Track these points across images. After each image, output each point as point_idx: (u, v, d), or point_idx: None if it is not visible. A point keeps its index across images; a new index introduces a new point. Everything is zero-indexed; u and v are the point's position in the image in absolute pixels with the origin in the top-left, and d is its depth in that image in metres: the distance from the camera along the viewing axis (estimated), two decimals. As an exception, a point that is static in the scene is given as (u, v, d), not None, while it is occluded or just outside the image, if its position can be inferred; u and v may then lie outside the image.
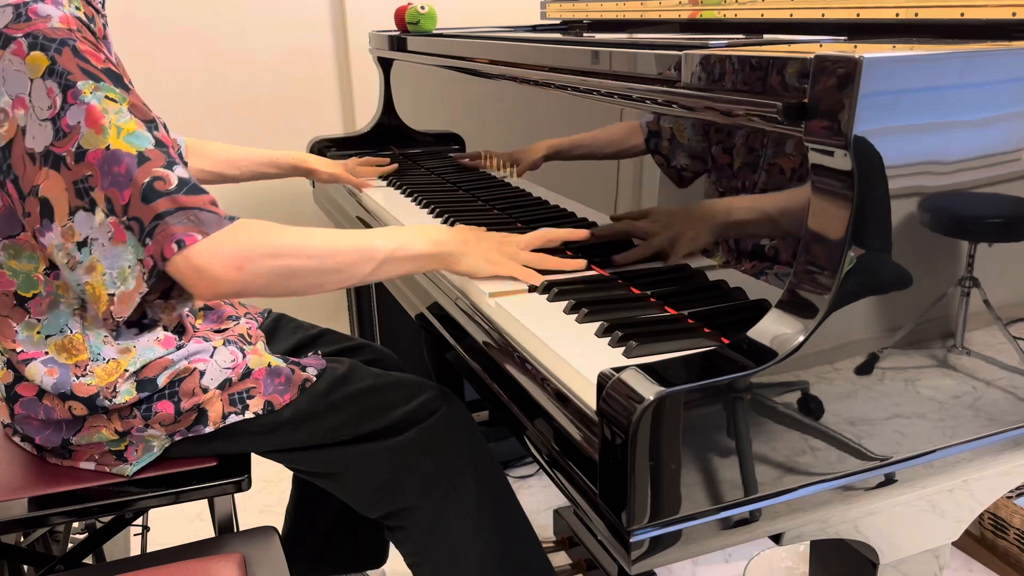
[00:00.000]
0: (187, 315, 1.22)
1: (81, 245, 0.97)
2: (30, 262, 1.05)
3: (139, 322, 1.11)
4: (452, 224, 1.44)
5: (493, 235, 1.16)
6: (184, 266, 0.95)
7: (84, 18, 1.02)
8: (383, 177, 1.84)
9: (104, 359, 1.08)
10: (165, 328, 1.14)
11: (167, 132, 1.40)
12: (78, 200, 0.96)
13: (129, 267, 0.96)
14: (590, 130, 1.23)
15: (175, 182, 0.96)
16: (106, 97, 0.95)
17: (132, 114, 0.97)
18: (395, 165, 1.86)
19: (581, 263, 1.15)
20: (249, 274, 0.97)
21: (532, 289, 1.10)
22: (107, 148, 0.94)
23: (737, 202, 0.96)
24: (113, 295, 0.97)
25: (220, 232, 0.96)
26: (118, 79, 0.98)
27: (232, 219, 0.99)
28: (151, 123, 0.98)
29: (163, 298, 1.11)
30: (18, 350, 1.07)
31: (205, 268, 0.95)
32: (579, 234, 1.19)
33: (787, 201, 0.88)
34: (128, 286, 0.97)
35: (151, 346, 1.11)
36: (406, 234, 1.10)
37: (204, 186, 0.99)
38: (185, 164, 1.01)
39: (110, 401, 1.08)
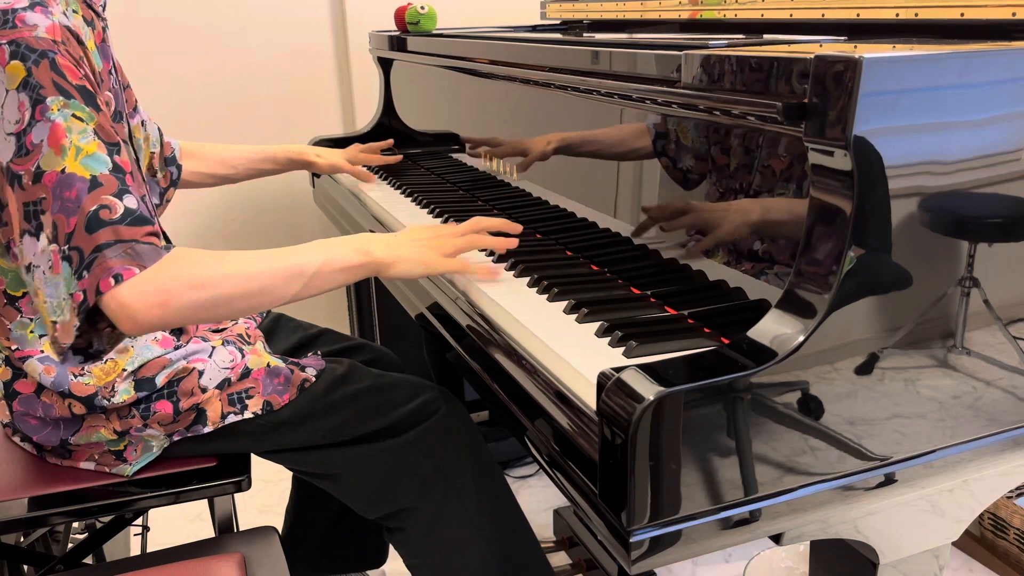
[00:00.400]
0: None
1: (27, 269, 0.96)
2: (15, 260, 1.04)
3: (84, 351, 1.07)
4: (449, 222, 1.44)
5: (425, 232, 1.14)
6: (110, 302, 0.93)
7: (81, 22, 1.01)
8: (383, 177, 1.84)
9: (102, 359, 1.08)
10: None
11: (162, 139, 1.40)
12: (26, 223, 0.94)
13: (64, 299, 0.94)
14: (591, 130, 1.23)
15: (120, 211, 0.94)
16: (73, 115, 0.94)
17: (96, 135, 0.95)
18: (398, 157, 1.85)
19: (514, 242, 1.16)
20: (171, 310, 0.94)
21: (534, 285, 1.10)
22: (62, 171, 0.92)
23: (738, 202, 0.96)
24: (55, 322, 0.96)
25: (150, 270, 0.94)
26: (90, 98, 0.96)
27: (168, 248, 0.96)
28: (114, 146, 0.96)
29: (111, 328, 1.09)
30: (13, 347, 1.07)
31: (128, 306, 0.92)
32: (512, 227, 1.19)
33: (787, 201, 0.88)
34: (64, 318, 0.95)
35: (148, 345, 1.11)
36: (334, 247, 1.07)
37: (198, 189, 0.99)
38: (143, 192, 0.98)
39: (108, 401, 1.08)
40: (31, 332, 1.07)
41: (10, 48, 0.93)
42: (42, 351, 1.07)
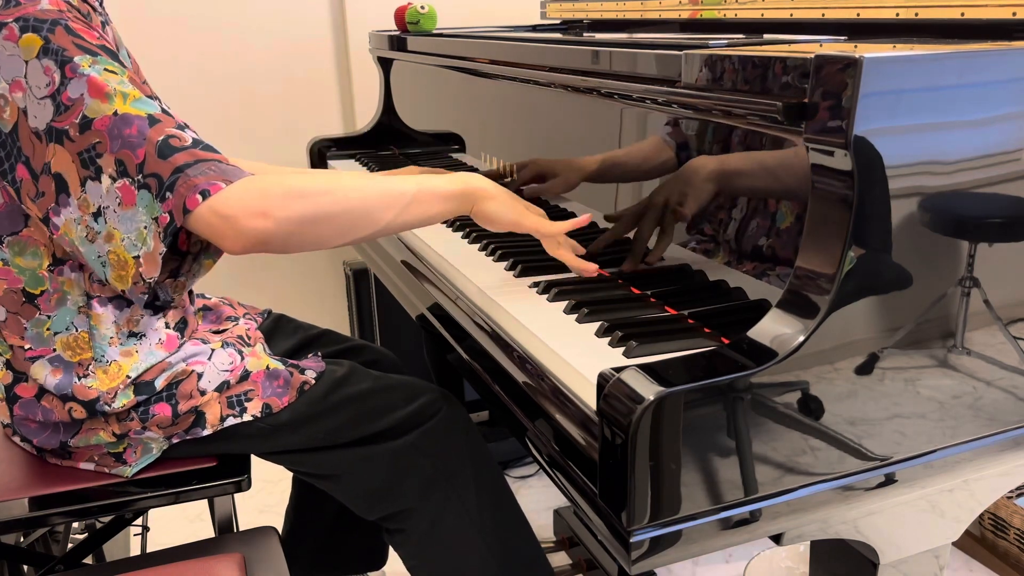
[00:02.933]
0: (191, 312, 1.21)
1: (96, 215, 0.96)
2: (34, 258, 1.04)
3: (153, 304, 1.10)
4: (450, 222, 1.44)
5: (525, 201, 1.14)
6: (210, 216, 0.93)
7: (78, 9, 1.02)
8: (375, 171, 1.84)
9: (107, 360, 1.08)
10: (168, 326, 1.14)
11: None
12: (84, 170, 0.95)
13: (145, 227, 0.95)
14: (590, 130, 1.23)
15: (189, 140, 0.95)
16: (105, 69, 0.95)
17: (133, 85, 0.97)
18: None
19: (594, 268, 1.12)
20: (276, 220, 0.94)
21: (534, 285, 1.10)
22: (115, 113, 0.94)
23: (738, 202, 0.96)
24: (138, 257, 0.96)
25: (244, 180, 0.94)
26: (113, 55, 0.98)
27: (250, 174, 0.97)
28: (151, 97, 0.98)
29: (172, 277, 1.10)
30: (26, 347, 1.07)
31: (232, 216, 0.92)
32: (581, 222, 1.14)
33: (787, 201, 0.88)
34: (148, 247, 0.95)
35: (153, 350, 1.11)
36: (432, 176, 1.09)
37: None
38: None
39: (109, 405, 1.08)
40: (47, 330, 1.07)
41: (19, 24, 0.94)
42: (54, 350, 1.07)
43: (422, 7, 1.95)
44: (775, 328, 0.78)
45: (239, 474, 1.16)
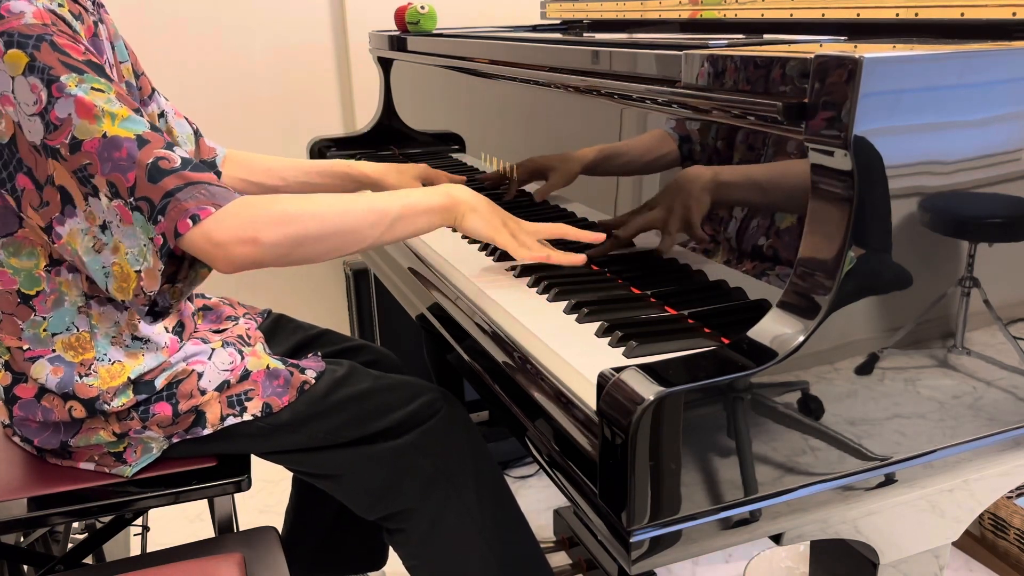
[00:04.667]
0: (186, 314, 1.21)
1: (103, 228, 0.97)
2: (29, 259, 1.04)
3: (151, 310, 1.10)
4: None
5: (507, 214, 1.16)
6: (201, 242, 0.94)
7: (68, 16, 1.01)
8: None
9: (109, 360, 1.08)
10: (167, 330, 1.14)
11: (198, 140, 1.39)
12: (82, 187, 0.96)
13: (144, 245, 0.96)
14: (590, 130, 1.23)
15: (178, 161, 0.96)
16: (92, 88, 0.95)
17: (121, 102, 0.96)
18: (462, 178, 1.55)
19: (582, 258, 1.13)
20: (265, 246, 0.96)
21: (534, 285, 1.10)
22: (104, 135, 0.94)
23: (738, 203, 0.96)
24: (139, 271, 0.97)
25: (232, 203, 0.96)
26: (100, 70, 0.97)
27: (240, 194, 0.98)
28: (138, 111, 0.98)
29: (170, 283, 1.11)
30: (24, 347, 1.07)
31: (222, 242, 0.94)
32: (594, 237, 1.14)
33: (788, 201, 0.88)
34: (148, 264, 0.97)
35: (159, 355, 1.11)
36: (415, 192, 1.11)
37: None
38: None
39: (108, 404, 1.08)
40: (44, 331, 1.07)
41: (3, 39, 0.93)
42: (53, 350, 1.07)
43: (422, 7, 1.95)
44: (775, 328, 0.78)
45: (239, 474, 1.16)
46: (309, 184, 1.51)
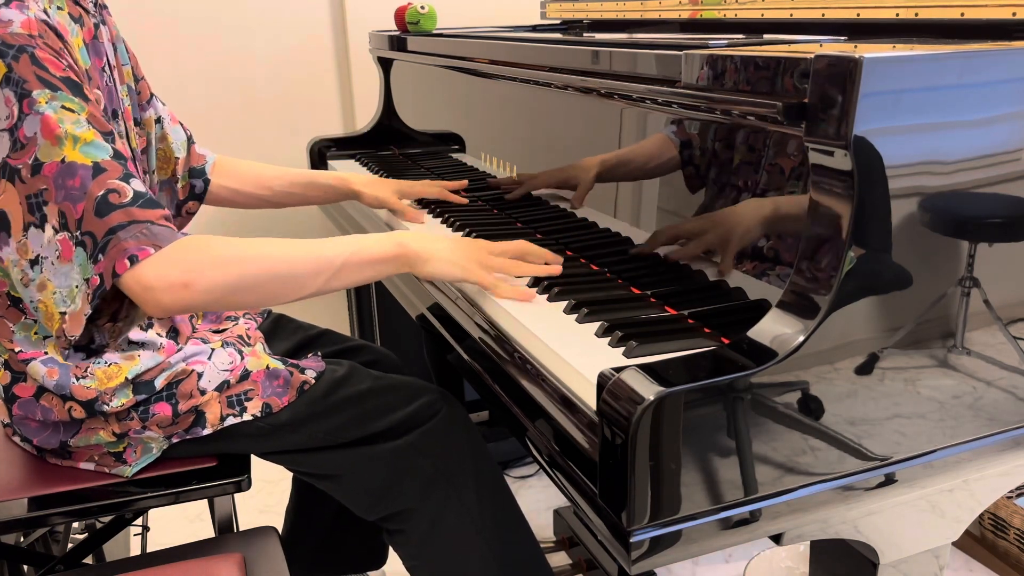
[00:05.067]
0: (180, 320, 1.21)
1: (33, 263, 0.95)
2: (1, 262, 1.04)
3: (87, 347, 1.09)
4: (452, 224, 1.44)
5: (464, 240, 1.13)
6: (132, 284, 0.93)
7: (67, 19, 1.01)
8: (375, 171, 1.84)
9: (105, 362, 1.08)
10: (160, 335, 1.14)
11: (190, 146, 1.39)
12: (30, 215, 0.94)
13: (76, 286, 0.95)
14: (590, 130, 1.23)
15: (130, 195, 0.94)
16: (63, 107, 0.93)
17: (90, 124, 0.95)
18: (464, 182, 1.58)
19: (557, 270, 1.11)
20: (197, 291, 0.94)
21: (534, 285, 1.10)
22: (62, 161, 0.92)
23: (738, 203, 0.96)
24: (64, 313, 0.96)
25: (168, 247, 0.94)
26: (77, 88, 0.96)
27: (185, 235, 0.97)
28: (108, 135, 0.96)
29: (112, 321, 1.09)
30: (16, 350, 1.07)
31: (152, 287, 0.93)
32: (554, 258, 1.13)
33: (787, 201, 0.88)
34: (76, 306, 0.95)
35: (155, 356, 1.11)
36: (364, 239, 1.07)
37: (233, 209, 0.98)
38: (146, 178, 0.98)
39: (108, 405, 1.08)
40: (35, 334, 1.07)
41: None
42: (46, 353, 1.07)
43: (422, 7, 1.95)
44: (775, 328, 0.78)
45: (239, 474, 1.16)
46: (294, 195, 1.50)
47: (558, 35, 1.57)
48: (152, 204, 0.95)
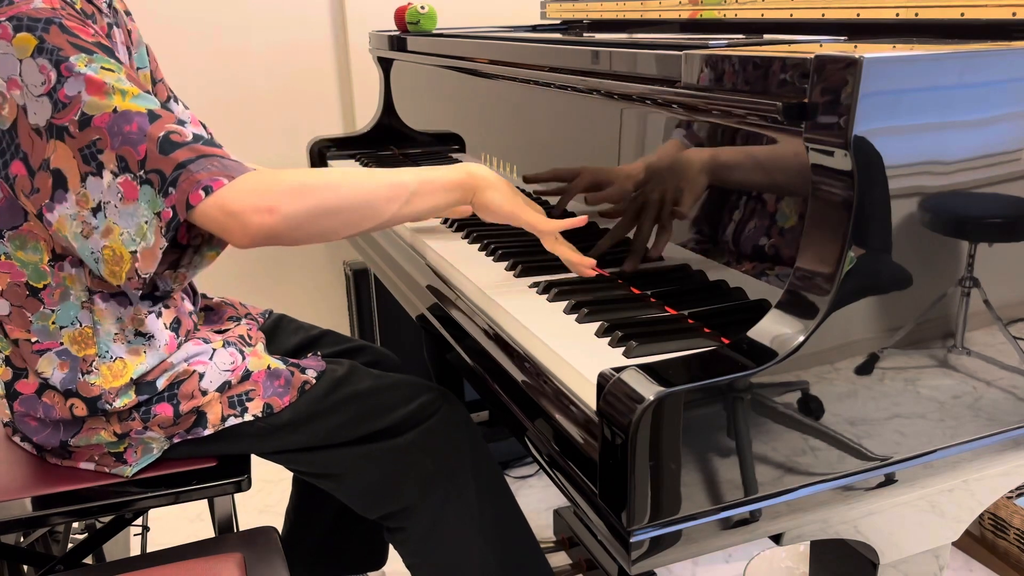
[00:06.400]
0: (182, 311, 1.21)
1: (95, 210, 0.96)
2: (35, 253, 1.04)
3: (151, 295, 1.10)
4: (451, 223, 1.44)
5: (523, 195, 1.16)
6: (214, 211, 0.94)
7: (80, 12, 1.01)
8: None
9: (111, 357, 1.08)
10: (166, 326, 1.14)
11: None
12: (86, 166, 0.95)
13: (146, 222, 0.95)
14: (590, 130, 1.23)
15: (190, 136, 0.96)
16: (102, 68, 0.95)
17: (131, 82, 0.97)
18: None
19: (591, 272, 1.12)
20: (282, 215, 0.95)
21: (534, 285, 1.10)
22: (114, 110, 0.94)
23: (738, 203, 0.96)
24: (135, 252, 0.96)
25: (246, 175, 0.95)
26: (110, 52, 0.98)
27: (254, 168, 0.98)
28: (149, 93, 0.98)
29: (172, 268, 1.10)
30: (33, 340, 1.07)
31: (238, 212, 0.93)
32: (577, 222, 1.14)
33: (788, 201, 0.88)
34: (148, 242, 0.96)
35: (161, 352, 1.11)
36: (435, 168, 1.10)
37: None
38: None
39: (110, 404, 1.08)
40: (52, 323, 1.07)
41: (12, 23, 0.94)
42: (61, 343, 1.07)
43: (422, 7, 1.95)
44: (775, 328, 0.78)
45: (239, 474, 1.16)
46: None
47: (558, 35, 1.57)
48: (213, 143, 0.97)
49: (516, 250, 1.26)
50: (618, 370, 0.75)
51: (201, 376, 1.13)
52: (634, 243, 1.12)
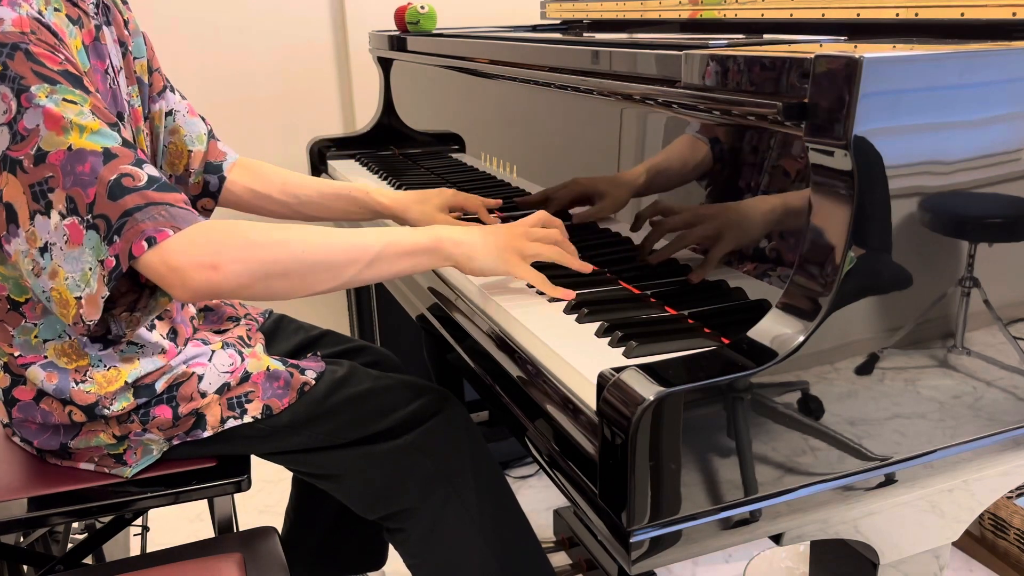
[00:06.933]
0: (180, 320, 1.21)
1: (43, 250, 0.94)
2: (14, 268, 1.02)
3: (103, 337, 1.07)
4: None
5: (494, 229, 1.10)
6: (157, 264, 0.91)
7: (65, 20, 1.00)
8: (383, 176, 1.84)
9: (105, 366, 1.08)
10: (162, 336, 1.14)
11: (210, 142, 1.37)
12: (35, 203, 0.92)
13: (90, 269, 0.93)
14: (590, 130, 1.23)
15: (144, 179, 0.92)
16: (64, 100, 0.92)
17: (94, 115, 0.93)
18: (498, 201, 1.41)
19: (587, 268, 1.12)
20: (225, 273, 0.91)
21: (533, 286, 1.10)
22: (69, 148, 0.91)
23: (738, 202, 0.96)
24: (80, 298, 0.94)
25: (193, 227, 0.92)
26: (77, 81, 0.94)
27: (206, 218, 0.95)
28: (114, 125, 0.95)
29: (129, 311, 1.08)
30: (16, 354, 1.06)
31: (177, 267, 0.90)
32: (581, 266, 1.11)
33: (787, 201, 0.88)
34: (91, 289, 0.93)
35: (155, 359, 1.11)
36: (401, 230, 1.05)
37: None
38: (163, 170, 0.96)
39: (108, 409, 1.07)
40: (35, 337, 1.06)
41: None
42: (45, 357, 1.06)
43: (422, 7, 1.95)
44: (775, 328, 0.78)
45: (239, 474, 1.16)
46: (323, 206, 1.42)
47: (558, 35, 1.57)
48: (168, 188, 0.94)
49: (516, 250, 1.26)
50: (618, 370, 0.75)
51: (200, 378, 1.12)
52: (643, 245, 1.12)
